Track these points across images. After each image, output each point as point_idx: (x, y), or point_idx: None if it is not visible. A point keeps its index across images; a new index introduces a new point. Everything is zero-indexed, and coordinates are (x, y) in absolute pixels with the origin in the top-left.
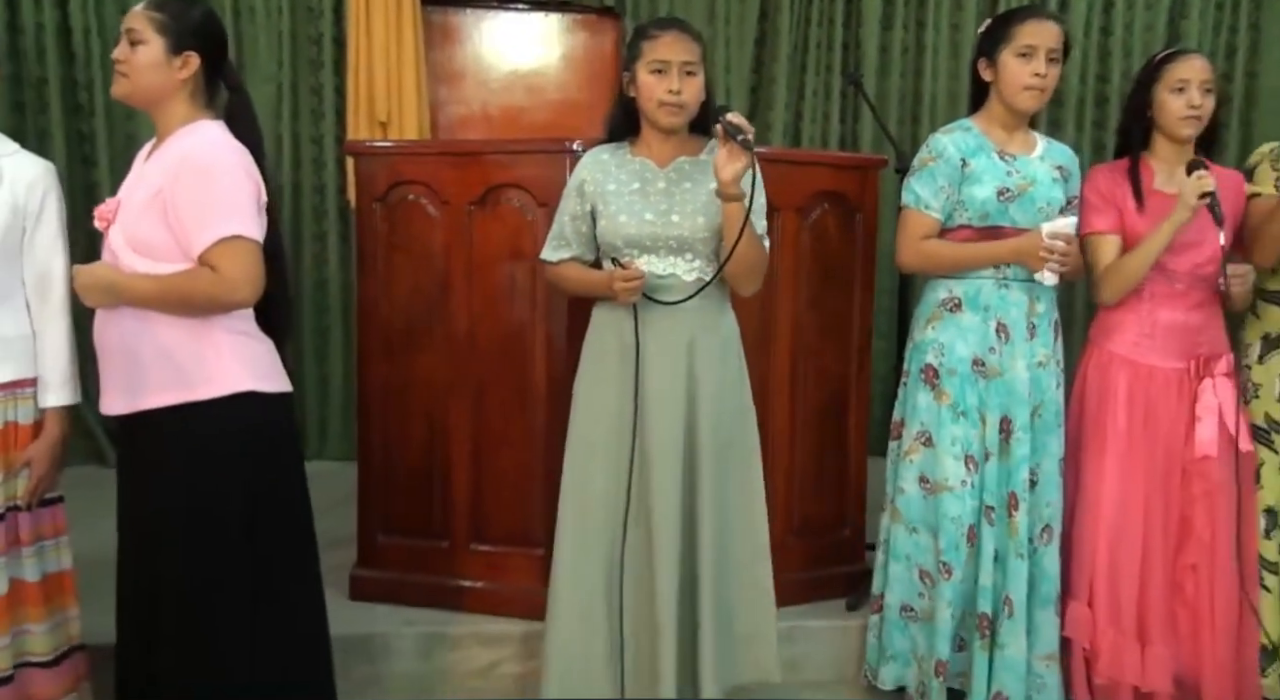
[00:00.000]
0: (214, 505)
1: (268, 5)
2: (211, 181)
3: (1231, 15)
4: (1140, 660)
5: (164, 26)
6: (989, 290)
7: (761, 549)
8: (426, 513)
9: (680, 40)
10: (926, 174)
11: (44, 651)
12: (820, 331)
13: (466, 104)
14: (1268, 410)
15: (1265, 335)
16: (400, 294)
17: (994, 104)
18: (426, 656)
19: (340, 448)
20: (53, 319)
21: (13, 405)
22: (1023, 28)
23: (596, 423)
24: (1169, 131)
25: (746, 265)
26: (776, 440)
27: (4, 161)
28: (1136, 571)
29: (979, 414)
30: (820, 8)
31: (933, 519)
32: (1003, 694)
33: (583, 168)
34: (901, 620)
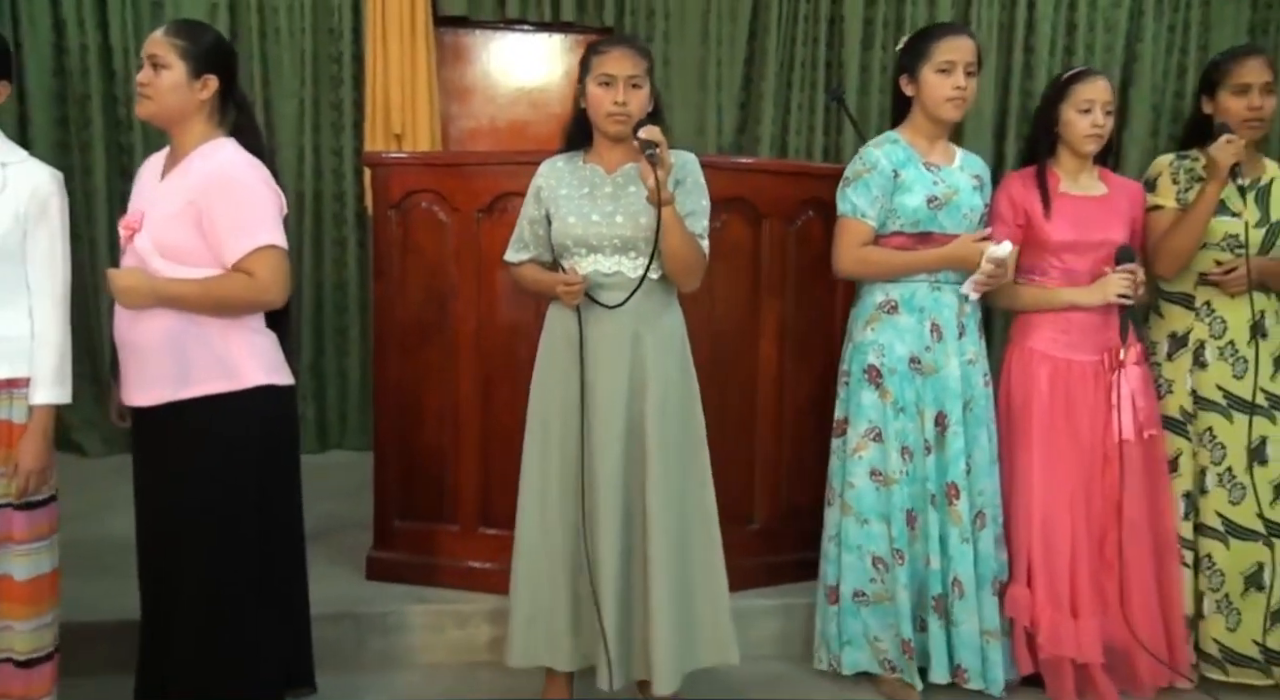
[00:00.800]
0: (234, 490)
1: (292, 27)
2: (242, 196)
3: (1183, 38)
4: (1075, 634)
5: (185, 52)
6: (923, 293)
7: (715, 536)
8: (438, 499)
9: (626, 55)
10: (861, 184)
11: (24, 651)
12: (805, 329)
13: (475, 118)
14: (1181, 404)
15: (1172, 334)
16: (413, 295)
17: (917, 116)
18: (438, 631)
19: (358, 439)
20: (51, 320)
21: (7, 403)
22: (941, 44)
23: (550, 413)
24: (1074, 146)
25: (682, 263)
26: (764, 431)
27: (11, 169)
28: (1068, 551)
29: (916, 409)
30: (805, 29)
31: (885, 509)
32: (962, 667)
33: (539, 175)
34: (854, 605)
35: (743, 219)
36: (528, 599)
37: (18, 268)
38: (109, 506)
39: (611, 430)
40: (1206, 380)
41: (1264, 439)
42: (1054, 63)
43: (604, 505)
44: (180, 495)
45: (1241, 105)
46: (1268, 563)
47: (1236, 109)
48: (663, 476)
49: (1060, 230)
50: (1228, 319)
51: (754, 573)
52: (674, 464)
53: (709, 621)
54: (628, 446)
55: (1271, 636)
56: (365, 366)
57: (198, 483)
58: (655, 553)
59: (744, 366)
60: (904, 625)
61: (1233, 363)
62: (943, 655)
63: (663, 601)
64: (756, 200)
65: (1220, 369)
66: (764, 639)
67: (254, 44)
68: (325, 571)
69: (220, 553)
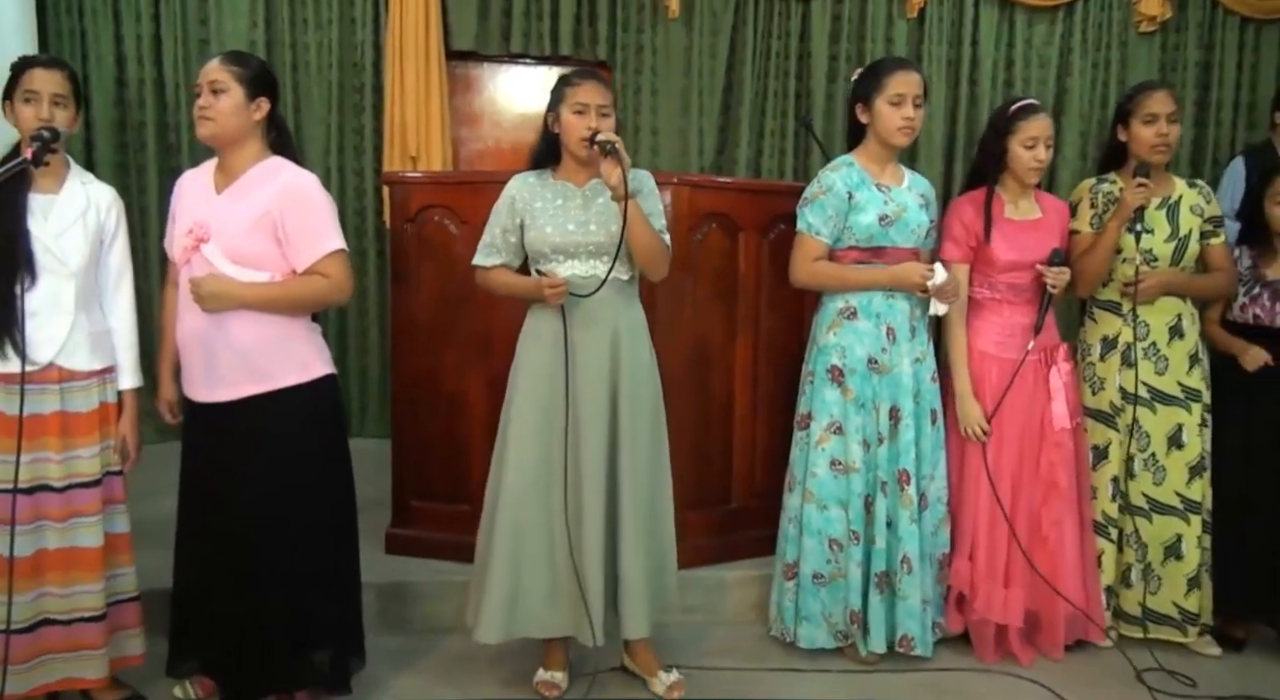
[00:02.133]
0: (308, 472)
1: (320, 61)
2: (315, 208)
3: (1105, 73)
4: (1004, 601)
5: (241, 77)
6: (879, 300)
7: (669, 508)
8: (450, 481)
9: (597, 88)
10: (818, 205)
11: (132, 589)
12: (777, 328)
13: (483, 141)
14: (1111, 399)
15: (1104, 337)
16: (427, 298)
17: (871, 142)
18: (449, 600)
19: (377, 427)
20: (125, 316)
21: (105, 388)
22: (892, 78)
23: (530, 405)
24: (1018, 177)
25: (650, 252)
26: (741, 420)
27: (89, 188)
28: (1006, 529)
29: (873, 405)
30: (777, 64)
31: (844, 495)
32: (908, 636)
33: (511, 188)
34: (814, 586)
35: (722, 231)
36: (509, 579)
37: (96, 274)
38: (153, 491)
39: (596, 418)
40: (1131, 377)
41: (1180, 426)
42: (995, 94)
43: (589, 487)
44: (265, 481)
45: (1150, 132)
46: (1185, 535)
47: (1146, 136)
48: (634, 458)
49: (1004, 252)
50: (1150, 323)
51: (731, 548)
52: (645, 446)
53: (667, 580)
54: (610, 429)
55: (1189, 599)
56: (384, 363)
57: (282, 469)
58: (628, 524)
59: (722, 364)
60: (853, 597)
61: (1155, 361)
62: (881, 627)
63: (639, 565)
64: (734, 215)
65: (1145, 367)
66: (742, 606)
67: (287, 76)
68: None
69: (297, 532)
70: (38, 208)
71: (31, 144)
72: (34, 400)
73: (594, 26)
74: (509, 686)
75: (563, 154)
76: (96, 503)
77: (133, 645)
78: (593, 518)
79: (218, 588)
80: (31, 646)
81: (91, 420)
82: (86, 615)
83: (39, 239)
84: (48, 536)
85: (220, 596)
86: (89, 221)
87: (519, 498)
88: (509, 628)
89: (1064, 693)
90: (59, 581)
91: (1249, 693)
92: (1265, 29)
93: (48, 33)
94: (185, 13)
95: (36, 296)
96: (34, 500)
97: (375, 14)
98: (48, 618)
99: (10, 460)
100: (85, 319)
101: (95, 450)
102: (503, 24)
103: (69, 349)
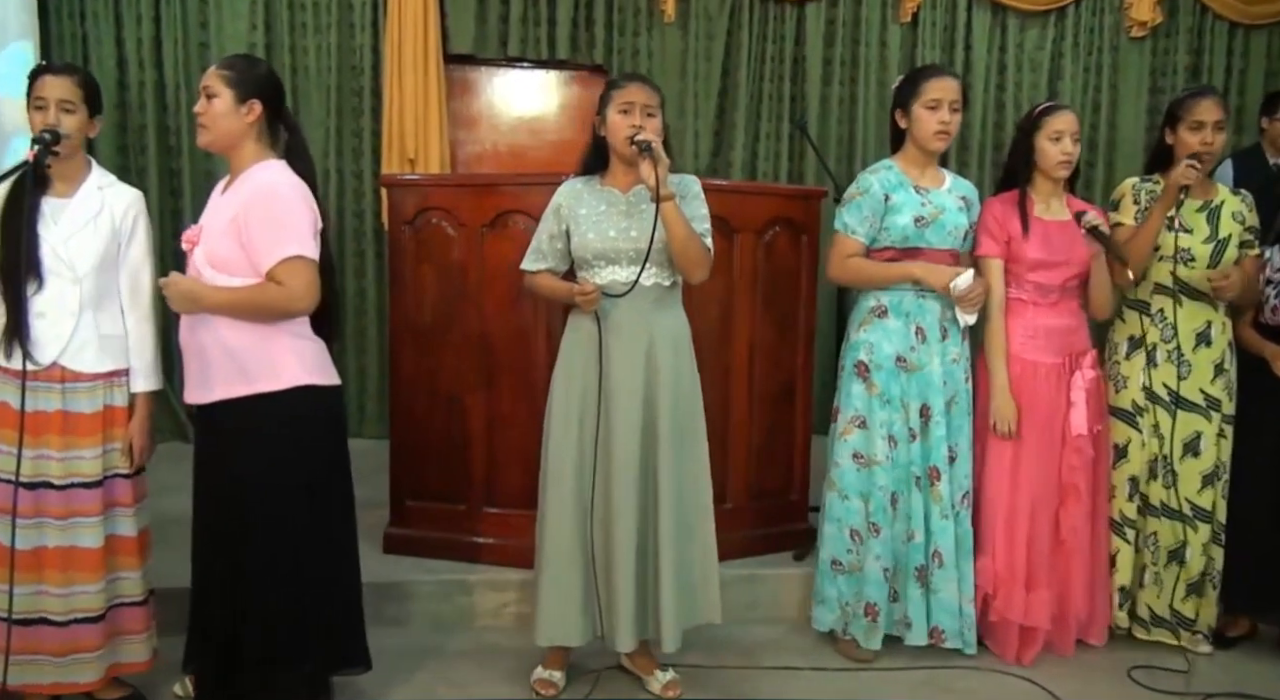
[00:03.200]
0: (280, 475)
1: (319, 65)
2: (278, 210)
3: (1095, 77)
4: (1025, 602)
5: (230, 81)
6: (910, 300)
7: (707, 511)
8: (447, 481)
9: (643, 88)
10: (854, 206)
11: (134, 593)
12: (773, 330)
13: (480, 144)
14: (1134, 398)
15: (1130, 336)
16: (425, 300)
17: (909, 146)
18: (446, 600)
19: (375, 427)
20: (142, 320)
21: (111, 391)
22: (929, 84)
23: (572, 408)
24: (1046, 172)
25: (686, 257)
26: (737, 420)
27: (106, 192)
28: (1027, 529)
29: (901, 402)
30: (771, 67)
31: (865, 487)
32: (939, 629)
33: (560, 194)
34: (831, 572)
35: (718, 233)
36: (556, 584)
37: (113, 275)
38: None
39: (629, 421)
40: (1156, 378)
41: (1199, 434)
42: (988, 97)
43: (621, 490)
44: (235, 484)
45: (1196, 139)
46: (1191, 541)
47: (1191, 142)
48: (673, 462)
49: (1034, 250)
50: (1179, 326)
51: (727, 547)
52: (682, 451)
53: (703, 587)
54: (644, 436)
55: (1186, 605)
56: (382, 363)
57: (250, 473)
58: (665, 531)
59: (719, 364)
60: (869, 590)
61: (1177, 364)
62: (921, 620)
63: (670, 573)
64: (730, 217)
65: (1167, 369)
66: (738, 605)
67: (286, 80)
68: None
69: (269, 538)
70: (49, 211)
71: (32, 146)
72: (38, 397)
73: (590, 30)
74: (507, 686)
75: (610, 159)
76: (96, 504)
77: (137, 650)
78: (625, 525)
79: (212, 588)
80: (25, 641)
81: (94, 422)
82: (83, 616)
83: (47, 242)
84: (48, 534)
85: (212, 597)
86: (100, 225)
87: (559, 503)
88: (553, 633)
89: (1056, 690)
90: (57, 580)
91: (1239, 689)
92: (1254, 34)
93: (50, 36)
94: (185, 16)
95: (44, 299)
96: (35, 495)
97: (374, 18)
98: (44, 617)
99: (12, 451)
100: (94, 321)
101: (97, 452)
102: (500, 28)
103: (73, 350)
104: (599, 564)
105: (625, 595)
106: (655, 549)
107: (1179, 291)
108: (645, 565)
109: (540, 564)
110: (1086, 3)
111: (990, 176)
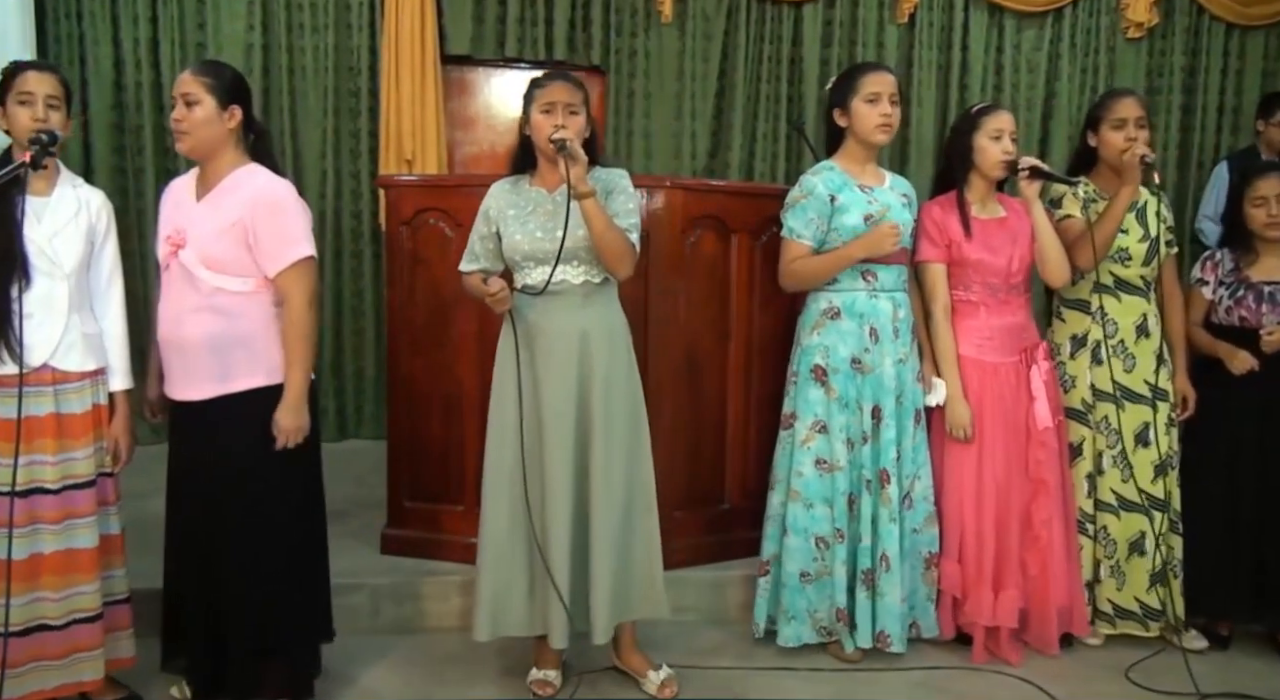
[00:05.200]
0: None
1: (316, 66)
2: (285, 215)
3: (1092, 78)
4: (994, 603)
5: (212, 87)
6: (862, 300)
7: (650, 507)
8: (444, 482)
9: (565, 87)
10: (799, 209)
11: (124, 591)
12: (769, 330)
13: (478, 144)
14: (1083, 396)
15: (1073, 335)
16: (422, 301)
17: (850, 144)
18: (444, 600)
19: (372, 428)
20: (117, 318)
21: (97, 389)
22: (866, 78)
23: (507, 406)
24: (985, 172)
25: (608, 248)
26: (733, 421)
27: (79, 191)
28: (993, 531)
29: (856, 404)
30: (769, 69)
31: (829, 493)
32: (885, 633)
33: (489, 196)
34: (800, 584)
35: (714, 234)
36: (492, 578)
37: (87, 276)
38: (146, 492)
39: (561, 418)
40: (1101, 374)
41: (1146, 424)
42: (985, 98)
43: (557, 485)
44: (216, 480)
45: (1119, 137)
46: (1148, 531)
47: (1115, 140)
48: (607, 457)
49: (975, 250)
50: (1119, 321)
51: (723, 548)
52: (618, 446)
53: (645, 580)
54: (578, 432)
55: (1150, 595)
56: (379, 364)
57: (243, 466)
58: (598, 525)
59: (715, 365)
60: (839, 595)
61: (1123, 358)
62: (867, 623)
63: (605, 567)
64: (726, 218)
65: (1114, 364)
66: (734, 605)
67: (284, 80)
68: (344, 546)
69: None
70: (31, 210)
71: (30, 147)
72: (29, 403)
73: (587, 31)
74: (503, 686)
75: (538, 159)
76: (92, 503)
77: (124, 647)
78: (560, 518)
79: (186, 586)
80: (25, 651)
81: (86, 421)
82: (82, 616)
83: (33, 241)
84: (43, 540)
85: (187, 595)
86: (81, 223)
87: (495, 498)
88: (495, 627)
89: (1053, 690)
90: (54, 585)
91: (1235, 689)
92: (1250, 36)
93: (46, 37)
94: (183, 17)
95: (31, 298)
96: (29, 503)
97: (371, 18)
98: (43, 623)
99: (7, 462)
100: (78, 320)
101: (90, 451)
102: (498, 29)
103: (62, 350)
104: (537, 558)
105: (560, 590)
106: (589, 543)
107: (1117, 288)
108: (582, 559)
109: (479, 561)
110: (1083, 4)
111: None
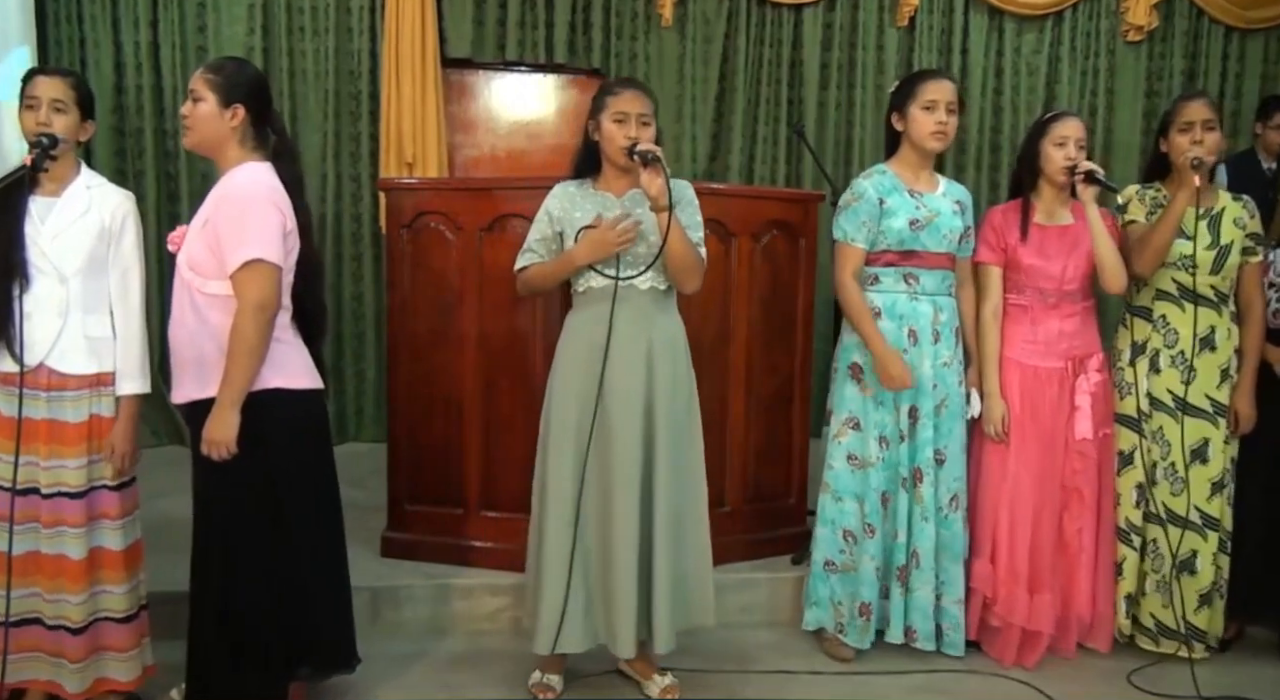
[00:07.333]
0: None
1: (317, 69)
2: (241, 211)
3: (1093, 81)
4: (1029, 606)
5: (216, 85)
6: (903, 302)
7: (703, 516)
8: (445, 485)
9: (638, 97)
10: (851, 212)
11: (121, 609)
12: (771, 333)
13: (478, 148)
14: (1138, 404)
15: (1133, 342)
16: (423, 304)
17: (905, 149)
18: (444, 603)
19: (373, 431)
20: (131, 320)
21: (99, 399)
22: (925, 86)
23: (569, 408)
24: (1050, 177)
25: (684, 263)
26: (734, 424)
27: (94, 192)
28: (1028, 533)
29: (893, 403)
30: (769, 71)
31: (860, 489)
32: (913, 629)
33: (552, 198)
34: (824, 573)
35: (715, 237)
36: (556, 591)
37: (103, 279)
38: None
39: (630, 425)
40: (1159, 384)
41: (1206, 441)
42: (985, 101)
43: (622, 495)
44: (202, 484)
45: (1185, 140)
46: (1201, 551)
47: (1180, 144)
48: (669, 467)
49: (1028, 255)
50: (1180, 331)
51: (724, 551)
52: (679, 455)
53: (697, 590)
54: (643, 440)
55: (1199, 616)
56: (379, 367)
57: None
58: (661, 534)
59: (717, 367)
60: (863, 590)
61: (1182, 370)
62: (899, 619)
63: (665, 576)
64: (727, 220)
65: (1171, 375)
66: (736, 608)
67: (284, 83)
68: None
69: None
70: (36, 211)
71: (31, 150)
72: (26, 404)
73: (588, 35)
74: (504, 690)
75: (603, 163)
76: (80, 516)
77: (121, 669)
78: (626, 529)
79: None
80: (23, 641)
81: (80, 432)
82: (67, 625)
83: (34, 242)
84: (41, 540)
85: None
86: (89, 224)
87: (559, 508)
88: (561, 641)
89: (1054, 693)
90: (47, 586)
91: (1237, 693)
92: (1249, 39)
93: (47, 40)
94: (184, 20)
95: (31, 298)
96: (27, 501)
97: (372, 22)
98: (38, 618)
99: (7, 459)
100: (82, 322)
101: (81, 462)
102: (498, 32)
103: (59, 351)
104: (597, 569)
105: (627, 600)
106: (651, 553)
107: (1181, 297)
108: (644, 569)
109: (539, 570)
110: (1083, 7)
111: (988, 180)
